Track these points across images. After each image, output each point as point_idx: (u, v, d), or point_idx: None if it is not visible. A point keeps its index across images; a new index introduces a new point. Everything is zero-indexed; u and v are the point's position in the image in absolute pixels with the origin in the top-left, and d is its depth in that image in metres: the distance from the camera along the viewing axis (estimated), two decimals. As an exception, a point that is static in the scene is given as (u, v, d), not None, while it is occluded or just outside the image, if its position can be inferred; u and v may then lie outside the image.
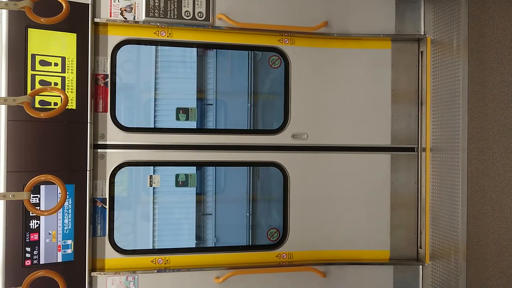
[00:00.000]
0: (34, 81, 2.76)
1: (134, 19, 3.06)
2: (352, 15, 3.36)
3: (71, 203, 2.86)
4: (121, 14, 3.04)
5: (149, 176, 3.42)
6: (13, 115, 2.68)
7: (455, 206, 3.02)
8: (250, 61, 4.33)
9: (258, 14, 3.23)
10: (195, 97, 4.49)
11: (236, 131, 3.45)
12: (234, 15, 3.17)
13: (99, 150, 3.05)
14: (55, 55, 2.82)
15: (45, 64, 2.80)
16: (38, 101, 2.77)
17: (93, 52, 2.97)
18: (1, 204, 2.67)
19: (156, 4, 3.07)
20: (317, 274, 3.26)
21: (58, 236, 2.82)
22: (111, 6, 3.02)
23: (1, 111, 2.68)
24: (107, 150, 3.07)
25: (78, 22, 2.88)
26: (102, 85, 3.06)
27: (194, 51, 4.43)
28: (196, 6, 3.13)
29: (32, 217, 2.74)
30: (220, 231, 4.55)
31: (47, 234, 2.79)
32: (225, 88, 4.61)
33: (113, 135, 3.08)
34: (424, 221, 3.36)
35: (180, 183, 3.58)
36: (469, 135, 2.93)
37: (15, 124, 2.69)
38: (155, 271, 3.08)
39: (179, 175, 3.58)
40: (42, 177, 2.44)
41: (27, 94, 2.63)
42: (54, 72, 2.82)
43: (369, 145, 3.41)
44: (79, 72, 2.89)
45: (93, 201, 3.02)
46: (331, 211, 3.39)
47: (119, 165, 3.09)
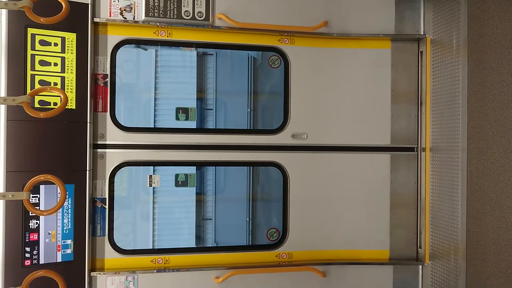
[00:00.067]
0: (33, 81, 2.76)
1: (134, 19, 3.06)
2: (352, 15, 3.36)
3: (70, 203, 2.85)
4: (121, 14, 3.04)
5: (148, 176, 3.42)
6: (13, 115, 2.68)
7: (454, 206, 3.03)
8: (250, 65, 4.32)
9: (257, 14, 3.23)
10: (195, 97, 4.49)
11: (236, 131, 3.45)
12: (233, 15, 3.17)
13: (98, 150, 3.05)
14: (54, 55, 2.82)
15: (44, 64, 2.80)
16: (37, 101, 2.76)
17: (92, 52, 2.97)
18: (0, 204, 2.67)
19: (156, 4, 3.07)
20: (317, 274, 3.26)
21: (58, 236, 2.82)
22: (110, 6, 3.02)
23: (0, 111, 2.68)
24: (107, 150, 3.07)
25: (78, 22, 2.88)
26: (101, 85, 3.06)
27: (194, 54, 4.43)
28: (196, 6, 3.13)
29: (32, 217, 2.73)
30: (220, 231, 4.55)
31: (46, 234, 2.78)
32: (225, 93, 4.61)
33: (113, 135, 3.08)
34: (424, 221, 3.36)
35: (179, 183, 3.58)
36: (469, 135, 2.93)
37: (15, 124, 2.69)
38: (154, 271, 3.08)
39: (178, 175, 3.58)
40: (41, 177, 2.43)
41: (27, 94, 2.62)
42: (53, 72, 2.82)
43: (369, 145, 3.41)
44: (79, 72, 2.89)
45: (93, 201, 3.02)
46: (330, 211, 3.39)
47: (119, 165, 3.09)
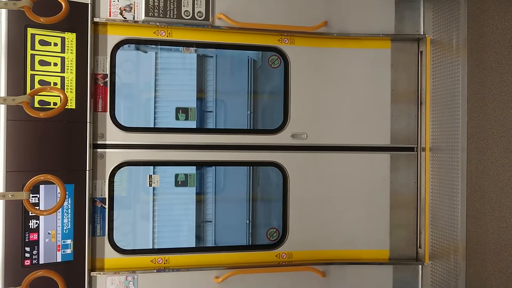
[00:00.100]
0: (33, 81, 2.76)
1: (134, 18, 3.06)
2: (351, 15, 3.36)
3: (70, 202, 2.85)
4: (121, 13, 3.04)
5: (148, 175, 3.42)
6: (13, 114, 2.68)
7: (454, 206, 3.03)
8: (250, 67, 4.32)
9: (257, 13, 3.23)
10: (194, 99, 4.48)
11: (236, 130, 3.45)
12: (233, 14, 3.17)
13: (98, 150, 3.05)
14: (54, 55, 2.82)
15: (44, 64, 2.79)
16: (37, 101, 2.76)
17: (92, 51, 2.97)
18: (0, 204, 2.67)
19: (156, 3, 3.07)
20: (317, 274, 3.26)
21: (58, 236, 2.82)
22: (110, 6, 3.02)
23: (0, 110, 2.67)
24: (107, 150, 3.07)
25: (78, 22, 2.88)
26: (101, 84, 3.06)
27: (194, 56, 4.42)
28: (195, 5, 3.12)
29: (32, 217, 2.73)
30: (220, 231, 4.55)
31: (46, 234, 2.78)
32: (224, 95, 4.60)
33: (113, 134, 3.08)
34: (424, 220, 3.37)
35: (179, 183, 3.58)
36: (469, 135, 2.93)
37: (15, 124, 2.69)
38: (154, 271, 3.08)
39: (178, 174, 3.57)
40: (41, 177, 2.43)
41: (27, 94, 2.62)
42: (53, 72, 2.82)
43: (369, 145, 3.41)
44: (79, 71, 2.89)
45: (93, 200, 3.02)
46: (330, 211, 3.39)
47: (119, 164, 3.09)
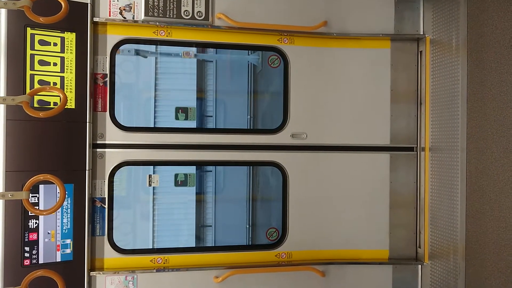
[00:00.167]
0: (33, 81, 2.76)
1: (133, 18, 3.06)
2: (351, 14, 3.36)
3: (70, 202, 2.85)
4: (120, 13, 3.04)
5: (148, 175, 3.42)
6: (12, 114, 2.68)
7: (454, 206, 3.03)
8: (250, 72, 4.32)
9: (257, 13, 3.23)
10: (194, 104, 4.48)
11: (235, 130, 3.45)
12: (233, 14, 3.17)
13: (98, 150, 3.05)
14: (54, 54, 2.82)
15: (44, 64, 2.79)
16: (37, 101, 2.76)
17: (92, 51, 2.97)
18: (0, 203, 2.67)
19: (155, 3, 3.07)
20: (316, 274, 3.26)
21: (57, 236, 2.82)
22: (110, 6, 3.02)
23: (0, 110, 2.68)
24: (106, 150, 3.07)
25: (77, 22, 2.88)
26: (101, 84, 3.06)
27: (194, 61, 4.42)
28: (195, 5, 3.12)
29: (31, 216, 2.73)
30: (220, 231, 4.55)
31: (46, 234, 2.78)
32: (224, 100, 4.61)
33: (112, 134, 3.08)
34: (423, 220, 3.37)
35: (179, 183, 3.58)
36: (468, 134, 2.93)
37: (14, 124, 2.69)
38: (154, 270, 3.08)
39: (178, 174, 3.57)
40: (41, 177, 2.43)
41: (26, 93, 2.62)
42: (53, 72, 2.82)
43: (368, 144, 3.41)
44: (78, 71, 2.88)
45: (92, 200, 3.02)
46: (330, 211, 3.39)
47: (118, 164, 3.09)
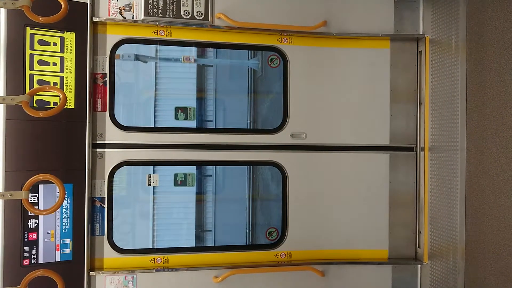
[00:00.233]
0: (32, 81, 2.76)
1: (133, 18, 3.06)
2: (351, 14, 3.36)
3: (69, 202, 2.85)
4: (120, 13, 3.04)
5: (147, 175, 3.42)
6: (12, 114, 2.68)
7: (453, 206, 3.03)
8: (249, 77, 4.32)
9: (257, 13, 3.23)
10: (194, 110, 4.47)
11: (235, 130, 3.45)
12: (233, 14, 3.17)
13: (97, 149, 3.05)
14: (53, 54, 2.82)
15: (43, 64, 2.79)
16: (36, 101, 2.76)
17: (91, 51, 2.97)
18: (-1, 203, 2.67)
19: (155, 3, 3.07)
20: (316, 274, 3.26)
21: (57, 236, 2.81)
22: (110, 5, 3.02)
23: (-1, 110, 2.68)
24: (106, 149, 3.07)
25: (77, 21, 2.88)
26: (100, 84, 3.06)
27: (194, 65, 4.42)
28: (195, 5, 3.12)
29: (31, 216, 2.73)
30: (219, 231, 4.55)
31: (45, 234, 2.78)
32: (224, 104, 4.61)
33: (112, 134, 3.07)
34: (423, 220, 3.37)
35: (179, 182, 3.58)
36: (468, 134, 2.93)
37: (14, 123, 2.69)
38: (153, 270, 3.08)
39: (177, 174, 3.57)
40: (40, 177, 2.43)
41: (26, 93, 2.62)
42: (52, 72, 2.82)
43: (368, 144, 3.41)
44: (78, 71, 2.88)
45: (92, 200, 3.02)
46: (329, 210, 3.39)
47: (118, 164, 3.09)
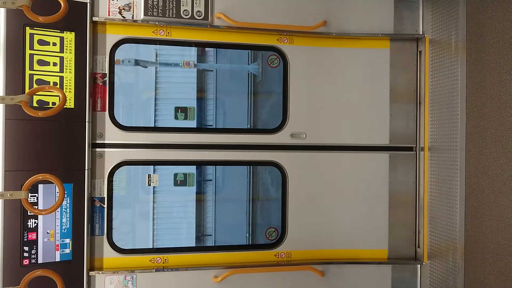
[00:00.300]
0: (32, 81, 2.75)
1: (133, 18, 3.05)
2: (350, 14, 3.36)
3: (69, 202, 2.85)
4: (120, 13, 3.04)
5: (147, 175, 3.42)
6: (11, 114, 2.67)
7: (453, 205, 3.03)
8: (250, 82, 4.32)
9: (256, 13, 3.23)
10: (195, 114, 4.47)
11: (235, 130, 3.45)
12: (232, 14, 3.17)
13: (97, 149, 3.05)
14: (53, 54, 2.82)
15: (43, 63, 2.79)
16: (36, 101, 2.76)
17: (91, 51, 2.97)
18: (-1, 203, 2.67)
19: (155, 3, 3.06)
20: (316, 273, 3.26)
21: (56, 235, 2.81)
22: (109, 5, 3.02)
23: (-1, 110, 2.68)
24: (106, 149, 3.07)
25: (77, 21, 2.88)
26: (100, 84, 3.05)
27: (194, 70, 4.42)
28: (194, 5, 3.12)
29: (30, 216, 2.73)
30: (219, 231, 4.55)
31: (45, 233, 2.78)
32: (224, 108, 4.60)
33: (112, 134, 3.07)
34: (422, 220, 3.37)
35: (178, 182, 3.58)
36: (467, 134, 2.93)
37: (13, 123, 2.69)
38: (153, 270, 3.08)
39: (177, 174, 3.57)
40: (40, 176, 2.43)
41: (25, 93, 2.62)
42: (52, 72, 2.81)
43: (368, 144, 3.42)
44: (78, 71, 2.88)
45: (91, 200, 3.02)
46: (329, 210, 3.39)
47: (118, 164, 3.09)
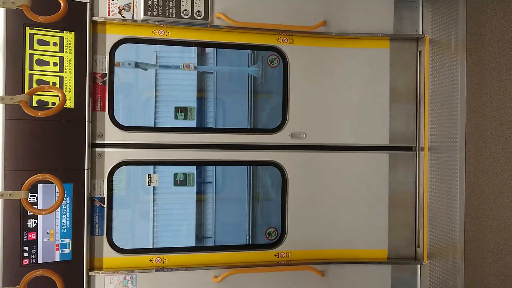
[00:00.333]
0: (32, 81, 2.75)
1: (133, 17, 3.05)
2: (350, 14, 3.36)
3: (69, 202, 2.85)
4: (120, 12, 3.04)
5: (147, 175, 3.42)
6: (11, 114, 2.67)
7: (453, 205, 3.03)
8: (250, 84, 4.32)
9: (256, 13, 3.23)
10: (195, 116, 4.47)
11: (234, 130, 3.44)
12: (232, 14, 3.17)
13: (97, 149, 3.05)
14: (53, 54, 2.82)
15: (43, 63, 2.79)
16: (36, 101, 2.76)
17: (91, 51, 2.97)
18: (-2, 203, 2.67)
19: (155, 2, 3.06)
20: (315, 273, 3.26)
21: (56, 235, 2.81)
22: (109, 5, 3.01)
23: (-2, 110, 2.67)
24: (105, 149, 3.07)
25: (76, 21, 2.87)
26: (100, 84, 3.05)
27: (194, 73, 4.42)
28: (194, 5, 3.12)
29: (30, 216, 2.73)
30: (219, 231, 4.55)
31: (45, 233, 2.78)
32: (224, 111, 4.60)
33: (111, 134, 3.07)
34: (422, 220, 3.37)
35: (178, 182, 3.58)
36: (467, 134, 2.93)
37: (13, 123, 2.68)
38: (153, 270, 3.08)
39: (177, 174, 3.57)
40: (40, 176, 2.43)
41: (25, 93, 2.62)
42: (52, 72, 2.81)
43: (367, 144, 3.42)
44: (77, 71, 2.88)
45: (91, 200, 3.02)
46: (329, 210, 3.39)
47: (117, 164, 3.09)
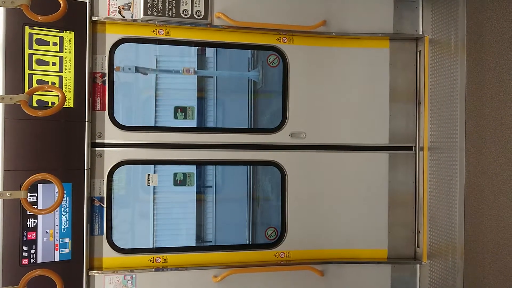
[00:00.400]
0: (31, 81, 2.75)
1: (132, 17, 3.05)
2: (350, 14, 3.36)
3: (68, 201, 2.85)
4: (119, 12, 3.03)
5: (147, 174, 3.41)
6: (11, 113, 2.67)
7: (452, 205, 3.03)
8: (250, 88, 4.32)
9: (256, 12, 3.23)
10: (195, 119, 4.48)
11: (234, 129, 3.44)
12: (232, 13, 3.17)
13: (97, 149, 3.04)
14: (53, 54, 2.81)
15: (42, 63, 2.79)
16: (35, 101, 2.76)
17: (91, 50, 2.96)
18: (-2, 203, 2.66)
19: (154, 2, 3.06)
20: (315, 273, 3.26)
21: (56, 235, 2.81)
22: (109, 5, 3.01)
23: (-2, 109, 2.67)
24: (105, 149, 3.07)
25: (76, 21, 2.87)
26: (100, 83, 3.05)
27: (194, 77, 4.42)
28: (194, 4, 3.12)
29: (30, 215, 2.73)
30: (219, 231, 4.55)
31: (44, 233, 2.78)
32: (224, 114, 4.60)
33: (111, 133, 3.07)
34: (422, 220, 3.37)
35: (178, 182, 3.58)
36: (467, 134, 2.93)
37: (13, 123, 2.68)
38: (153, 270, 3.08)
39: (177, 174, 3.57)
40: (39, 176, 2.43)
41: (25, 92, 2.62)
42: (51, 72, 2.81)
43: (367, 144, 3.42)
44: (77, 70, 2.88)
45: (91, 199, 3.02)
46: (329, 210, 3.39)
47: (117, 163, 3.09)
